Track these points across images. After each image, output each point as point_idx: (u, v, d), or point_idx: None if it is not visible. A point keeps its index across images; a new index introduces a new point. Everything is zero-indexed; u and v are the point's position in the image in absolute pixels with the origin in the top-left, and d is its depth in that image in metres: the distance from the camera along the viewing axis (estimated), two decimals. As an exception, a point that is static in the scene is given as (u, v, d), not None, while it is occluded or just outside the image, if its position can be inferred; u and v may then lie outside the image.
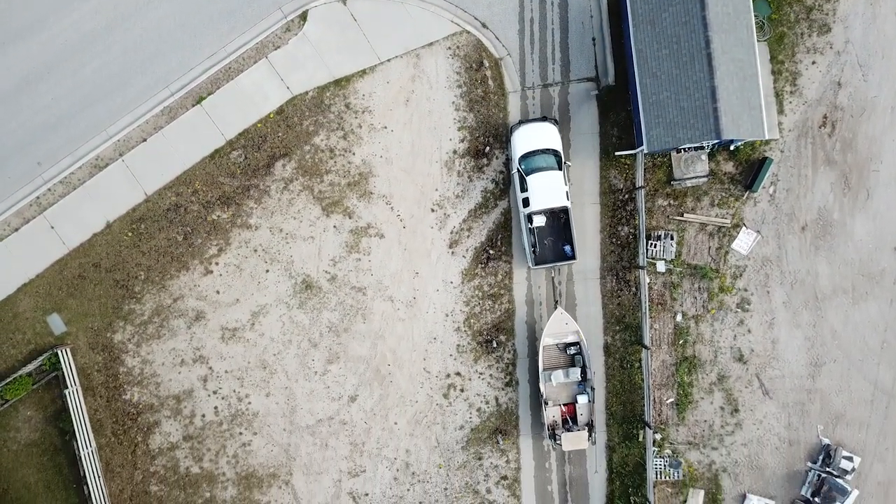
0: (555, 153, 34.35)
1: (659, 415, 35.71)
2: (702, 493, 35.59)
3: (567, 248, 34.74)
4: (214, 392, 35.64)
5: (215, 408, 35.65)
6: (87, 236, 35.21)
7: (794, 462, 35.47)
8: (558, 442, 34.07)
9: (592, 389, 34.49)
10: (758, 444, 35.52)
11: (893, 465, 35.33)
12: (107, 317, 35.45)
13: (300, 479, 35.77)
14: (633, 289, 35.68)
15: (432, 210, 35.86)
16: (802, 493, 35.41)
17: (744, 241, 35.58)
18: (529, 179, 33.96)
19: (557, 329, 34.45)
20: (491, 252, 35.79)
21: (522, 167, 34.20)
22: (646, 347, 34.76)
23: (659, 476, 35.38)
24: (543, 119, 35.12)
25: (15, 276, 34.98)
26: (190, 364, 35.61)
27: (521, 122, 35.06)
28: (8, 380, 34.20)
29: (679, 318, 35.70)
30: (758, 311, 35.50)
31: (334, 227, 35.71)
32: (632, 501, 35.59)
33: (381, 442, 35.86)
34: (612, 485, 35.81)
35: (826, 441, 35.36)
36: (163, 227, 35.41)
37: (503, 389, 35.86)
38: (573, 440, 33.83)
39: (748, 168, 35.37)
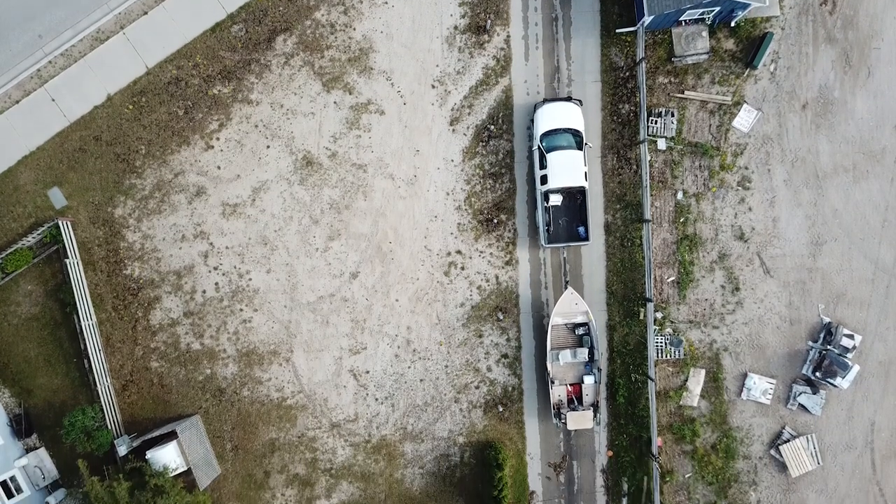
0: (575, 133, 34.26)
1: (660, 293, 35.60)
2: (703, 372, 35.50)
3: (581, 229, 34.65)
4: (215, 268, 35.52)
5: (216, 284, 35.53)
6: (87, 109, 35.06)
7: (795, 341, 35.39)
8: (563, 420, 33.98)
9: (599, 371, 34.43)
10: (759, 323, 35.44)
11: (894, 344, 35.25)
12: (108, 191, 35.31)
13: (301, 356, 35.66)
14: (634, 167, 35.60)
15: (433, 86, 35.75)
16: (803, 371, 35.32)
17: (744, 119, 35.47)
18: (549, 157, 33.84)
19: (567, 309, 34.33)
20: (492, 129, 35.69)
21: (543, 144, 34.13)
22: (646, 221, 34.67)
23: (660, 355, 35.26)
24: (568, 99, 35.05)
25: (16, 148, 34.87)
26: (191, 240, 35.48)
27: (545, 101, 34.92)
28: (8, 251, 34.04)
29: (680, 195, 35.61)
30: (758, 189, 35.43)
31: (335, 102, 35.61)
32: (633, 379, 35.50)
33: (382, 319, 35.76)
34: (613, 364, 35.73)
35: (827, 320, 35.24)
36: (164, 100, 35.27)
37: (503, 268, 35.75)
38: (578, 419, 33.79)
39: (749, 45, 35.30)
